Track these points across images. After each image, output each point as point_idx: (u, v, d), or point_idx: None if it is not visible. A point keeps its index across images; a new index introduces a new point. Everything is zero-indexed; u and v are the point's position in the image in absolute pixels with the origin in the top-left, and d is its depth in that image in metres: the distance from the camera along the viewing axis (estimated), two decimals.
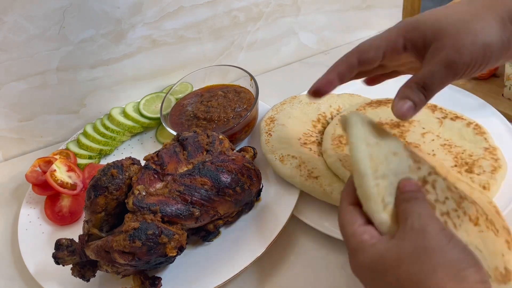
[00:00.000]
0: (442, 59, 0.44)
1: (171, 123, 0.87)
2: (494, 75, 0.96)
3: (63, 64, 0.89)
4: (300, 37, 1.09)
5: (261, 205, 0.73)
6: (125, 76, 0.97)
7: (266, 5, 1.00)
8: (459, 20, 0.44)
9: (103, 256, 0.59)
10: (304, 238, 0.71)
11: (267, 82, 1.04)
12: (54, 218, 0.78)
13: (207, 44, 1.00)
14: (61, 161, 0.82)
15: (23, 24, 0.82)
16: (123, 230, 0.57)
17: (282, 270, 0.67)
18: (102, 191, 0.61)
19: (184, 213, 0.61)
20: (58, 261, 0.61)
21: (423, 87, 0.45)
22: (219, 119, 0.84)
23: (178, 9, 0.93)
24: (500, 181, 0.69)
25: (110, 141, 0.91)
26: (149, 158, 0.66)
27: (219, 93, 0.90)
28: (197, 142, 0.69)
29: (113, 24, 0.89)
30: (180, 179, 0.63)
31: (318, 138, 0.81)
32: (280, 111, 0.86)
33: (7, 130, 0.93)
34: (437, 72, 0.44)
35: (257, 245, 0.66)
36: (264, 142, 0.79)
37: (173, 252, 0.59)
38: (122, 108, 0.95)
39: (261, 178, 0.71)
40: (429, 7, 0.57)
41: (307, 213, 0.71)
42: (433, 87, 0.45)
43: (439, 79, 0.45)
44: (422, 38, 0.45)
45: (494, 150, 0.73)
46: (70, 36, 0.87)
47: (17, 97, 0.89)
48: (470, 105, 0.85)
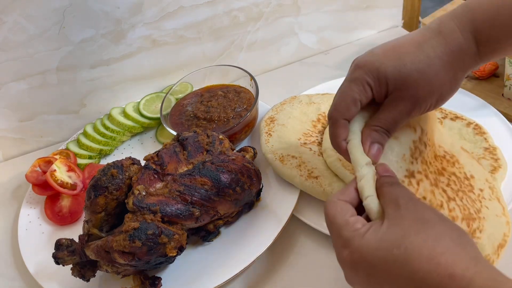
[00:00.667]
0: (403, 109, 0.51)
1: (171, 123, 0.87)
2: (494, 75, 0.96)
3: (63, 64, 0.89)
4: (300, 37, 1.09)
5: (261, 205, 0.73)
6: (125, 76, 0.97)
7: (266, 5, 1.00)
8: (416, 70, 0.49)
9: (103, 256, 0.59)
10: (304, 238, 0.71)
11: (267, 82, 1.04)
12: (54, 218, 0.78)
13: (207, 44, 1.00)
14: (61, 161, 0.82)
15: (23, 24, 0.82)
16: (123, 230, 0.57)
17: (282, 270, 0.67)
18: (102, 191, 0.61)
19: (184, 213, 0.61)
20: (58, 261, 0.61)
21: (387, 131, 0.52)
22: (219, 119, 0.84)
23: (178, 9, 0.93)
24: (500, 181, 0.69)
25: (110, 141, 0.91)
26: (149, 158, 0.66)
27: (219, 93, 0.90)
28: (197, 142, 0.69)
29: (113, 24, 0.89)
30: (180, 179, 0.63)
31: (318, 138, 0.81)
32: (280, 111, 0.86)
33: (7, 130, 0.93)
34: (399, 120, 0.52)
35: (257, 245, 0.66)
36: (264, 142, 0.79)
37: (173, 252, 0.59)
38: (122, 108, 0.95)
39: (261, 178, 0.71)
40: (429, 7, 0.58)
41: (307, 213, 0.71)
42: (394, 131, 0.53)
43: (399, 124, 0.52)
44: (385, 87, 0.51)
45: (494, 150, 0.73)
46: (70, 36, 0.87)
47: (17, 97, 0.89)
48: (470, 105, 0.85)
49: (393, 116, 0.51)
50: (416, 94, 0.50)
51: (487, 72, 0.95)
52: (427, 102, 0.51)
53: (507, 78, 0.88)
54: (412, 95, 0.50)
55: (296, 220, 0.71)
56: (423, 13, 1.24)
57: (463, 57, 0.50)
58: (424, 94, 0.50)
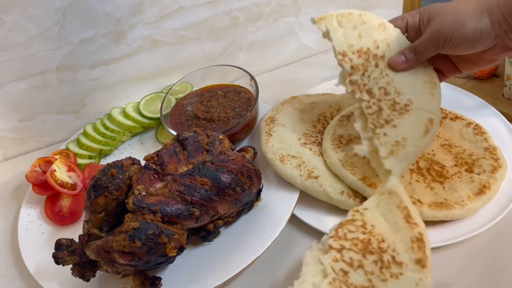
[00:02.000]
0: (430, 31, 0.64)
1: (171, 123, 0.87)
2: (494, 75, 0.96)
3: (63, 64, 0.89)
4: (300, 37, 1.09)
5: (261, 205, 0.73)
6: (125, 76, 0.97)
7: (266, 5, 1.00)
8: (452, 7, 0.62)
9: (103, 256, 0.59)
10: (304, 238, 0.71)
11: (267, 82, 1.04)
12: (54, 218, 0.78)
13: (207, 44, 1.00)
14: (61, 161, 0.82)
15: (23, 24, 0.82)
16: (123, 230, 0.57)
17: (282, 270, 0.67)
18: (102, 191, 0.61)
19: (184, 213, 0.61)
20: (58, 261, 0.61)
21: (414, 50, 0.66)
22: (219, 119, 0.84)
23: (178, 9, 0.93)
24: (500, 181, 0.69)
25: (110, 141, 0.91)
26: (149, 158, 0.66)
27: (219, 93, 0.90)
28: (197, 142, 0.69)
29: (113, 24, 0.89)
30: (180, 179, 0.63)
31: (318, 138, 0.81)
32: (280, 111, 0.86)
33: (7, 130, 0.93)
34: (424, 40, 0.65)
35: (257, 245, 0.66)
36: (264, 142, 0.79)
37: (173, 252, 0.59)
38: (122, 108, 0.95)
39: (261, 178, 0.71)
40: None
41: (307, 213, 0.71)
42: (421, 51, 0.65)
43: (425, 45, 0.65)
44: (427, 17, 0.65)
45: (494, 150, 0.73)
46: (70, 36, 0.87)
47: (17, 97, 0.89)
48: (470, 105, 0.85)
49: (421, 38, 0.65)
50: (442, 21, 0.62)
51: (487, 72, 0.95)
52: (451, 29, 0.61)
53: (507, 78, 0.88)
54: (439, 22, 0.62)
55: (296, 220, 0.71)
56: None
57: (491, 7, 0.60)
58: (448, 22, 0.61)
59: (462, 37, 0.61)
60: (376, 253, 0.53)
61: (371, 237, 0.55)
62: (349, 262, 0.53)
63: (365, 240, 0.55)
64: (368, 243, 0.54)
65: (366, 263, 0.53)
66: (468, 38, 0.61)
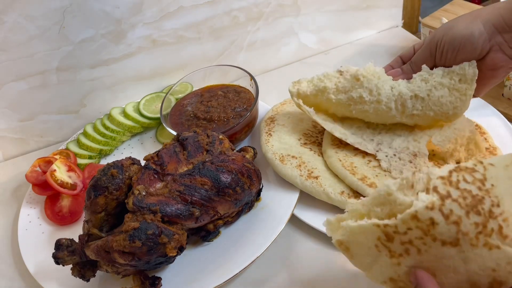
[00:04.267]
0: (425, 41, 0.70)
1: (171, 123, 0.87)
2: None
3: (63, 64, 0.89)
4: (300, 37, 1.09)
5: (261, 205, 0.73)
6: (125, 76, 0.97)
7: (266, 5, 1.00)
8: (453, 21, 0.66)
9: (103, 256, 0.59)
10: (304, 238, 0.71)
11: (267, 82, 1.04)
12: (54, 218, 0.78)
13: (207, 44, 1.00)
14: (61, 161, 0.82)
15: (23, 24, 0.82)
16: (123, 230, 0.57)
17: (282, 270, 0.67)
18: (102, 191, 0.61)
19: (184, 213, 0.61)
20: (58, 261, 0.61)
21: (411, 62, 0.73)
22: (219, 119, 0.84)
23: (178, 9, 0.93)
24: None
25: (110, 141, 0.91)
26: (149, 158, 0.66)
27: (219, 93, 0.90)
28: (197, 142, 0.69)
29: (113, 24, 0.89)
30: (180, 179, 0.63)
31: (318, 138, 0.81)
32: (280, 111, 0.86)
33: (7, 130, 0.93)
34: (420, 50, 0.71)
35: (257, 245, 0.66)
36: (264, 142, 0.79)
37: (173, 252, 0.59)
38: (122, 108, 0.95)
39: (261, 178, 0.71)
40: (429, 7, 0.61)
41: (307, 213, 0.71)
42: (416, 60, 0.71)
43: (420, 54, 0.71)
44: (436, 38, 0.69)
45: (494, 150, 0.73)
46: (70, 36, 0.87)
47: (17, 97, 0.89)
48: (470, 105, 0.85)
49: (416, 54, 0.72)
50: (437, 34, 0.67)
51: None
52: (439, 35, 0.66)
53: (507, 78, 0.88)
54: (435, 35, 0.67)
55: (296, 220, 0.71)
56: (423, 13, 1.24)
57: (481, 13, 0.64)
58: (437, 31, 0.67)
59: (452, 36, 0.64)
60: (483, 216, 0.45)
61: (486, 196, 0.45)
62: (446, 214, 0.45)
63: (478, 198, 0.45)
64: (480, 201, 0.45)
65: (465, 222, 0.45)
66: (458, 37, 0.64)
